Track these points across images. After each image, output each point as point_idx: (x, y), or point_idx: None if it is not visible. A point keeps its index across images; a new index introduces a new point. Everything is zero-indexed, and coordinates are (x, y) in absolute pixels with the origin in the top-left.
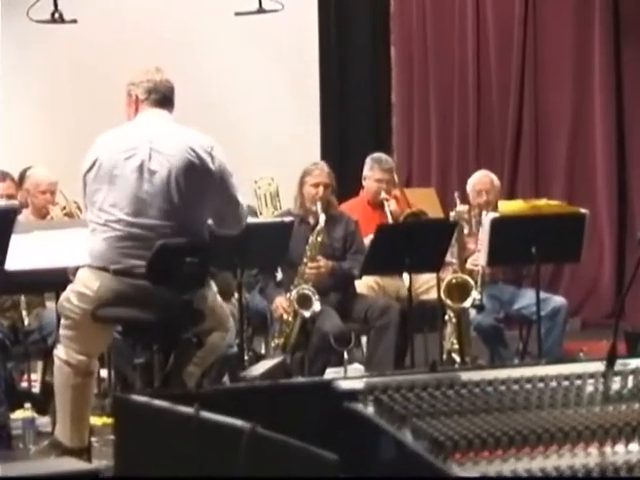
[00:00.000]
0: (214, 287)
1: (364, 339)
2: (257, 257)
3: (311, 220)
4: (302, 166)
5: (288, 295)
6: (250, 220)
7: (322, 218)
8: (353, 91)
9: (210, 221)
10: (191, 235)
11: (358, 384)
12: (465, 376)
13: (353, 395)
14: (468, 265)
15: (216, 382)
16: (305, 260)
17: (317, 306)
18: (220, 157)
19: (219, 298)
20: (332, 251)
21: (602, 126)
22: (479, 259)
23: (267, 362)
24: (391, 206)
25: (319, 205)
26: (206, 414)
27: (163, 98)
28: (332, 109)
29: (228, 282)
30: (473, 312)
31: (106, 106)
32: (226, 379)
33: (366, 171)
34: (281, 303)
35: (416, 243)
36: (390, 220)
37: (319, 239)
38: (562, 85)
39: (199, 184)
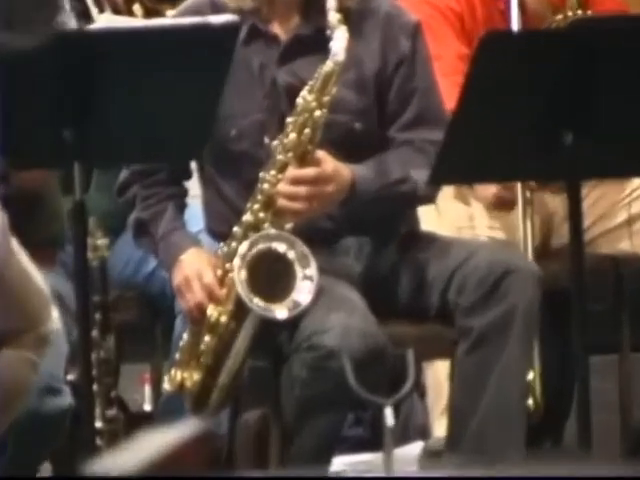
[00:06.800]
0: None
1: (442, 370)
2: (131, 137)
3: (277, 30)
4: None
5: (222, 248)
6: (115, 23)
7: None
8: None
9: None
10: None
11: None
12: None
13: None
14: None
15: None
16: (279, 155)
17: (313, 269)
18: None
19: (24, 255)
20: (342, 119)
21: None
22: None
23: (159, 436)
24: None
25: None
26: None
27: None
28: None
29: (52, 208)
30: None
31: None
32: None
33: None
34: (198, 273)
35: (594, 91)
36: (515, 25)
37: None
38: None
39: None
